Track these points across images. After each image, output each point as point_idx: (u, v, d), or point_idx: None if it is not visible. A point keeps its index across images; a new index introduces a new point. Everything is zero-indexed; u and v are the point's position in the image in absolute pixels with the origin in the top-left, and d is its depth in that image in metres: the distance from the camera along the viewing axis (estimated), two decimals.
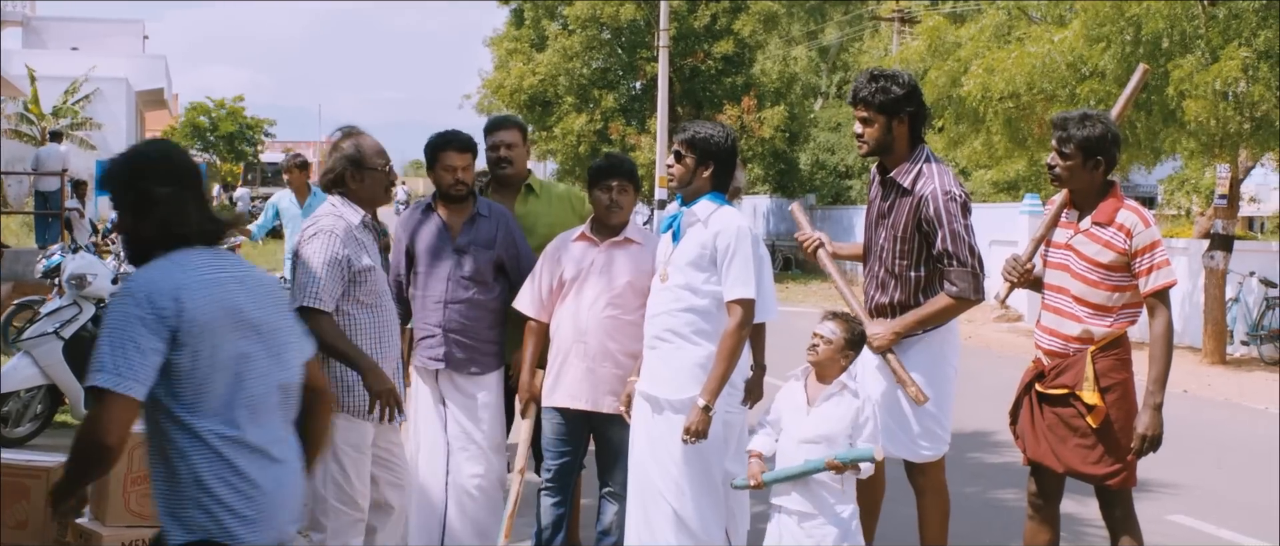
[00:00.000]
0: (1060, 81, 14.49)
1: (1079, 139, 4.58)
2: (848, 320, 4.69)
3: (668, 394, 4.90)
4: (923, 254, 4.81)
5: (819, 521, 4.56)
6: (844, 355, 4.62)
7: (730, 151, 4.93)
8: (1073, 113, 4.70)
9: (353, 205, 4.68)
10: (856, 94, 4.86)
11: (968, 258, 4.71)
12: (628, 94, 32.64)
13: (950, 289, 4.73)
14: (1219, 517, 7.23)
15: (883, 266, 4.93)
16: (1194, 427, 10.43)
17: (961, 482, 7.89)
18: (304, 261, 4.52)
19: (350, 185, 4.69)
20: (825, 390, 4.62)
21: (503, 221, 5.50)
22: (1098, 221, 4.61)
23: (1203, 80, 12.40)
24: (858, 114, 4.87)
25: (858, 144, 4.94)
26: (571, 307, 5.27)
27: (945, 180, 4.78)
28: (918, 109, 4.85)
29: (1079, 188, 4.68)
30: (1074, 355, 4.64)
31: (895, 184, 4.87)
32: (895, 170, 4.86)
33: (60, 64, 31.90)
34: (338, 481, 4.62)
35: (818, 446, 4.54)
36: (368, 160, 4.70)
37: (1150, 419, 4.54)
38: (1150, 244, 4.54)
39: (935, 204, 4.72)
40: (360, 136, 4.76)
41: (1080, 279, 4.64)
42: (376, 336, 4.67)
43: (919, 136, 4.89)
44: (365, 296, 4.63)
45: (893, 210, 4.87)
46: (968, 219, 4.77)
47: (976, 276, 4.73)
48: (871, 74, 4.87)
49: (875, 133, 4.82)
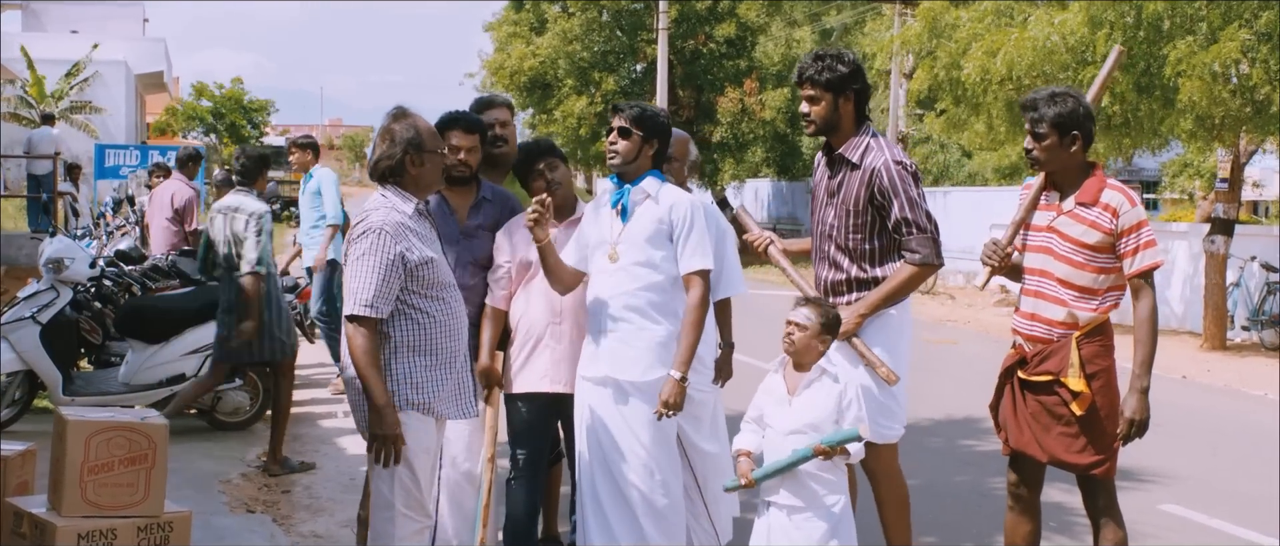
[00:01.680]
0: (1060, 65, 14.32)
1: (1052, 117, 4.48)
2: (821, 305, 4.56)
3: (634, 376, 4.79)
4: (875, 226, 4.83)
5: (808, 514, 4.43)
6: (821, 340, 4.47)
7: (668, 130, 4.98)
8: (1041, 92, 4.58)
9: (405, 194, 4.38)
10: (802, 73, 4.90)
11: (925, 223, 4.75)
12: (628, 77, 32.46)
13: (912, 257, 4.75)
14: (1212, 507, 7.09)
15: (833, 244, 4.94)
16: (1191, 414, 10.31)
17: (952, 470, 7.81)
18: (352, 263, 4.25)
19: (409, 172, 4.38)
20: (805, 378, 4.49)
21: (507, 205, 5.38)
22: (1082, 202, 4.50)
23: (1200, 61, 12.24)
24: (804, 93, 4.90)
25: (804, 123, 4.97)
26: (537, 291, 5.15)
27: (894, 151, 4.83)
28: (862, 87, 4.88)
29: (1058, 168, 4.56)
30: (1058, 341, 4.53)
31: (844, 160, 4.89)
32: (842, 147, 4.90)
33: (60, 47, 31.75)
34: (407, 487, 4.36)
35: (804, 436, 4.41)
36: (427, 143, 4.41)
37: (1137, 403, 4.43)
38: (1136, 223, 4.43)
39: (888, 174, 4.75)
40: (415, 117, 4.45)
41: (1064, 261, 4.53)
42: (446, 329, 4.41)
43: (864, 114, 4.94)
44: (428, 289, 4.35)
45: (842, 186, 4.89)
46: (919, 187, 4.80)
47: (936, 242, 4.78)
48: (817, 54, 4.92)
49: (822, 111, 4.87)
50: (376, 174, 4.45)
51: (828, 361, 4.51)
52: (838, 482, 4.47)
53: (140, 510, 4.53)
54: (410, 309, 4.33)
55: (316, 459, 7.75)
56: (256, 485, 7.17)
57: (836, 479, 4.47)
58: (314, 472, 7.44)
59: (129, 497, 4.52)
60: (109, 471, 4.49)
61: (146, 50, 36.44)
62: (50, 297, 7.87)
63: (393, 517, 4.37)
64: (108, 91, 31.78)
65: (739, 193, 35.88)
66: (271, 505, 6.77)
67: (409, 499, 4.38)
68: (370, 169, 4.49)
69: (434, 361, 4.38)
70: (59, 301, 7.89)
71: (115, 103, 32.13)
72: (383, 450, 4.23)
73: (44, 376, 7.81)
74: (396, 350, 4.32)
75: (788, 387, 4.54)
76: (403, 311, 4.32)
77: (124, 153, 24.11)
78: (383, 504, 4.39)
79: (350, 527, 6.19)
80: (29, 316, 7.76)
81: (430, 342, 4.37)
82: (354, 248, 4.29)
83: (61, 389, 7.82)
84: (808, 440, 4.38)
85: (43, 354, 7.75)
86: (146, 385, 8.05)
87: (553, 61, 30.98)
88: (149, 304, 8.61)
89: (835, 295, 4.91)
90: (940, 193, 26.27)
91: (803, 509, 4.44)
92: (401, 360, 4.33)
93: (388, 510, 4.37)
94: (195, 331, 8.14)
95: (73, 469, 4.44)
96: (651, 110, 4.91)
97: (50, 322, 7.82)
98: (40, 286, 7.98)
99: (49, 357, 7.76)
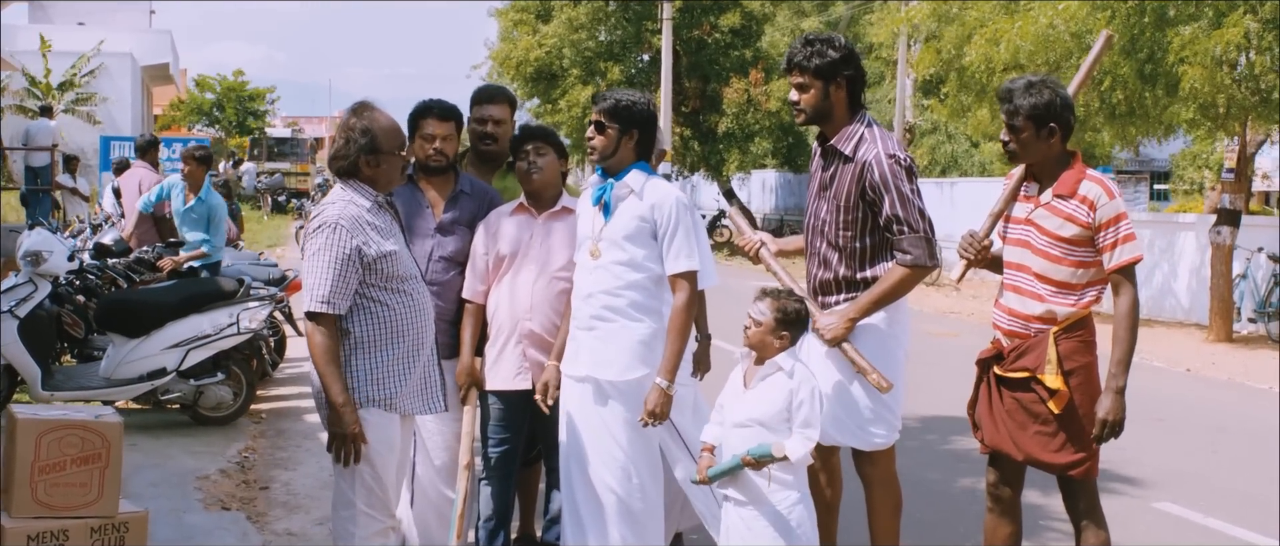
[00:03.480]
0: (1064, 52, 14.16)
1: (1027, 108, 4.32)
2: (779, 298, 4.39)
3: (613, 376, 4.66)
4: (867, 223, 4.57)
5: (753, 511, 4.31)
6: (776, 335, 4.31)
7: (653, 118, 4.75)
8: (1017, 81, 4.42)
9: (364, 188, 4.28)
10: (790, 59, 4.62)
11: (918, 222, 4.47)
12: (634, 66, 32.31)
13: (903, 257, 4.48)
14: (1209, 505, 6.92)
15: (824, 240, 4.69)
16: (1192, 409, 10.14)
17: (943, 468, 7.66)
18: (309, 259, 4.16)
19: (364, 172, 4.28)
20: (760, 371, 4.34)
21: (486, 199, 5.21)
22: (1059, 194, 4.35)
23: (1203, 47, 12.05)
24: (793, 80, 4.63)
25: (794, 113, 4.69)
26: (510, 285, 5.01)
27: (888, 144, 4.54)
28: (855, 73, 4.60)
29: (1036, 159, 4.42)
30: (1035, 336, 4.37)
31: (836, 152, 4.62)
32: (835, 137, 4.62)
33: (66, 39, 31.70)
34: (370, 485, 4.24)
35: (750, 430, 4.28)
36: (383, 144, 4.27)
37: (1112, 403, 4.26)
38: (1115, 216, 4.28)
39: (880, 168, 4.48)
40: (374, 114, 4.32)
41: (1042, 255, 4.38)
42: (409, 321, 4.30)
43: (859, 102, 4.66)
44: (388, 282, 4.24)
45: (834, 180, 4.63)
46: (914, 182, 4.52)
47: (929, 241, 4.50)
48: (806, 38, 4.65)
49: (812, 99, 4.58)
50: (336, 172, 4.35)
51: (789, 356, 4.34)
52: (792, 479, 4.31)
53: (93, 510, 4.44)
54: (371, 302, 4.23)
55: (299, 455, 7.65)
56: (235, 482, 7.06)
57: (790, 476, 4.31)
58: (295, 469, 7.34)
59: (81, 498, 4.42)
60: (61, 471, 4.39)
61: (153, 42, 36.41)
62: (28, 291, 7.76)
63: (354, 516, 4.26)
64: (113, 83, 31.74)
65: (745, 184, 35.72)
66: (248, 502, 6.66)
67: (371, 498, 4.27)
68: (328, 164, 4.38)
69: (396, 355, 4.27)
70: (37, 295, 7.78)
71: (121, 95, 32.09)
72: (342, 448, 4.12)
73: (22, 371, 7.70)
74: (357, 345, 4.21)
75: (744, 379, 4.42)
76: (363, 305, 4.22)
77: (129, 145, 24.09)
78: (344, 503, 4.28)
79: (326, 525, 6.08)
80: (6, 310, 7.65)
81: (393, 336, 4.27)
82: (310, 243, 4.18)
83: (40, 383, 7.71)
84: (754, 434, 4.26)
85: (20, 348, 7.63)
86: (127, 379, 7.93)
87: (558, 51, 30.82)
88: (129, 297, 8.50)
89: (824, 294, 4.70)
90: (948, 184, 26.08)
91: (752, 506, 4.31)
92: (363, 355, 4.22)
93: (349, 509, 4.27)
94: (176, 325, 8.02)
95: (23, 468, 4.34)
96: (629, 100, 4.70)
97: (28, 316, 7.70)
98: (18, 279, 7.87)
99: (27, 352, 7.64)
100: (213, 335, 8.07)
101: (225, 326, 8.10)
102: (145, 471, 6.99)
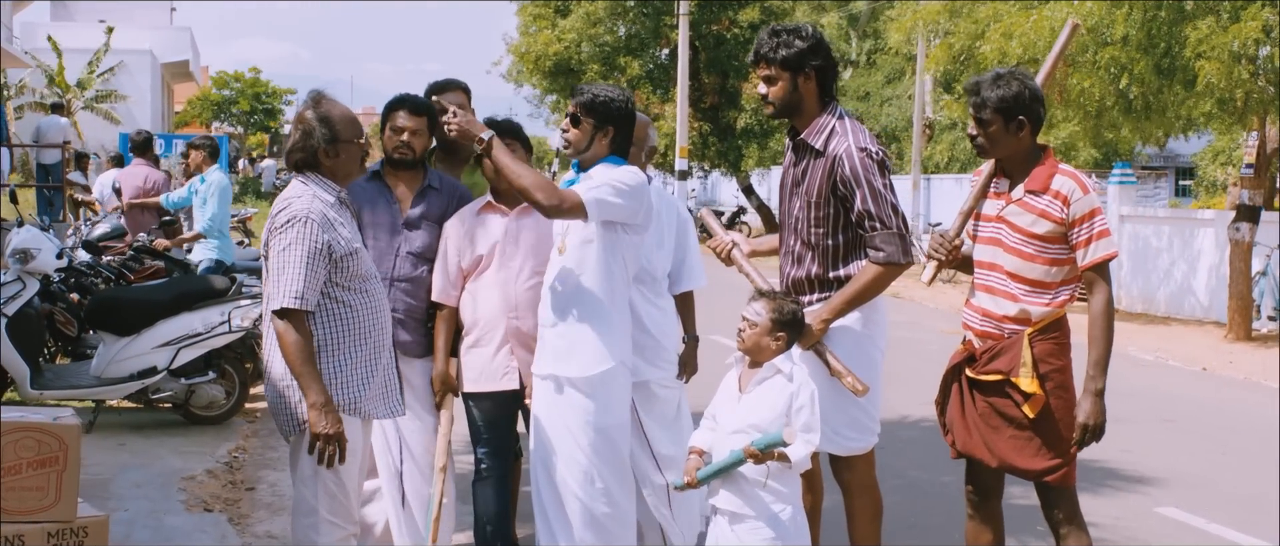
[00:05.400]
0: (1080, 47, 13.92)
1: (995, 100, 4.17)
2: (776, 299, 4.25)
3: (572, 372, 4.53)
4: (839, 220, 4.43)
5: (752, 523, 4.14)
6: (774, 337, 4.16)
7: (630, 117, 4.59)
8: (985, 75, 4.29)
9: (326, 182, 4.19)
10: (758, 51, 4.50)
11: (891, 218, 4.33)
12: (653, 61, 32.17)
13: (876, 255, 4.34)
14: (1214, 510, 6.72)
15: (798, 237, 4.55)
16: (1204, 409, 9.93)
17: (941, 469, 7.47)
18: (278, 255, 4.03)
19: (324, 163, 4.17)
20: (757, 375, 4.19)
21: (455, 195, 5.13)
22: (1031, 189, 4.21)
23: (1219, 42, 11.83)
24: (760, 72, 4.50)
25: (763, 106, 4.57)
26: (492, 285, 4.90)
27: (860, 137, 4.40)
28: (825, 63, 4.45)
29: (1006, 154, 4.27)
30: (1009, 337, 4.23)
31: (807, 146, 4.48)
32: (805, 131, 4.49)
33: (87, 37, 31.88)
34: (332, 492, 4.14)
35: (747, 436, 4.10)
36: (342, 134, 4.18)
37: (1091, 406, 4.12)
38: (1089, 212, 4.14)
39: (851, 162, 4.33)
40: (330, 105, 4.23)
41: (1014, 253, 4.24)
42: (371, 322, 4.21)
43: (830, 94, 4.52)
44: (351, 281, 4.15)
45: (806, 175, 4.49)
46: (887, 177, 4.38)
47: (903, 237, 4.35)
48: (773, 29, 4.53)
49: (780, 91, 4.45)
50: (291, 164, 4.24)
51: (786, 359, 4.19)
52: (788, 492, 4.16)
53: (50, 515, 4.31)
54: (335, 302, 4.13)
55: (287, 457, 7.53)
56: (221, 482, 6.97)
57: (786, 488, 4.15)
58: (284, 470, 7.24)
59: (38, 502, 4.30)
60: (16, 474, 4.27)
61: (172, 39, 36.66)
62: (15, 289, 7.69)
63: (316, 524, 4.16)
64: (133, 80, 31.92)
65: (764, 179, 35.51)
66: (231, 503, 6.57)
67: (334, 504, 4.16)
68: (285, 157, 4.28)
69: (360, 357, 4.18)
70: (25, 293, 7.70)
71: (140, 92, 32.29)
72: (326, 449, 4.00)
73: (10, 369, 7.62)
74: (322, 347, 4.11)
75: (739, 384, 4.26)
76: (326, 306, 4.12)
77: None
78: (305, 509, 4.18)
79: None
80: None
81: (358, 337, 4.17)
82: (278, 238, 4.06)
83: (29, 382, 7.64)
84: (751, 441, 4.07)
85: (9, 346, 7.55)
86: (118, 378, 7.85)
87: (577, 45, 30.71)
88: (120, 295, 8.43)
89: (799, 294, 4.55)
90: (967, 180, 25.82)
91: (747, 517, 4.14)
92: (328, 357, 4.12)
93: (311, 516, 4.17)
94: (167, 323, 7.93)
95: None
96: (607, 97, 4.55)
97: (16, 315, 7.63)
98: (6, 277, 7.79)
99: (14, 350, 7.57)
100: (204, 333, 7.98)
101: (216, 324, 8.00)
102: (131, 471, 6.91)
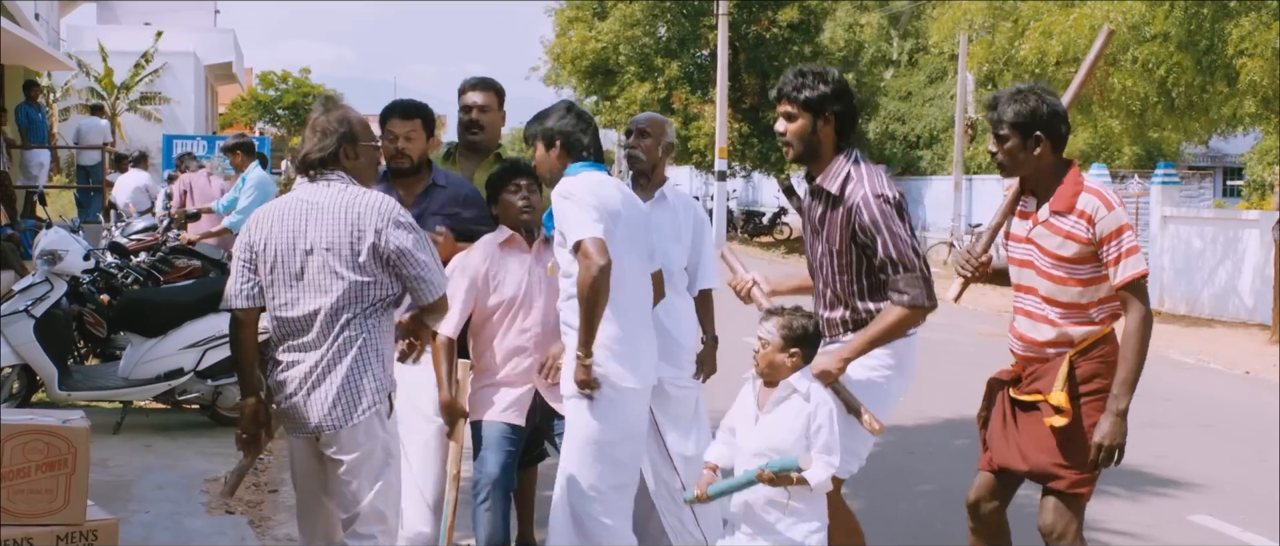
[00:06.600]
0: (1120, 45, 13.75)
1: (1011, 117, 4.11)
2: (785, 314, 4.14)
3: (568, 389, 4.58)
4: (862, 266, 4.36)
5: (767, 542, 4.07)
6: (788, 355, 4.06)
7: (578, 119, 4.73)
8: (1004, 91, 4.23)
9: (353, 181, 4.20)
10: (781, 90, 4.43)
11: (913, 261, 4.23)
12: (692, 62, 32.09)
13: (900, 299, 4.22)
14: (1248, 518, 6.56)
15: (823, 281, 4.48)
16: (1245, 414, 9.74)
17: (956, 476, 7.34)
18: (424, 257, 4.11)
19: (344, 164, 4.17)
20: (774, 395, 4.09)
21: (460, 191, 5.18)
22: (1056, 210, 4.13)
23: (1263, 38, 11.61)
24: (781, 109, 4.43)
25: (781, 145, 4.51)
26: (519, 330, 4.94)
27: (876, 183, 4.31)
28: (846, 110, 4.38)
29: (1027, 172, 4.20)
30: (1052, 358, 4.17)
31: (824, 193, 4.40)
32: (821, 176, 4.40)
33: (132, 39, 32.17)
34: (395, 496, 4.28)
35: (765, 460, 4.01)
36: (360, 135, 4.21)
37: (1110, 427, 4.00)
38: (1116, 230, 4.03)
39: (869, 210, 4.25)
40: (345, 108, 4.27)
41: (1046, 277, 4.16)
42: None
43: (847, 140, 4.44)
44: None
45: (825, 223, 4.42)
46: (906, 221, 4.31)
47: (927, 280, 4.24)
48: (799, 70, 4.43)
49: (798, 130, 4.36)
50: (306, 165, 4.20)
51: (803, 376, 4.09)
52: (810, 511, 4.06)
53: (59, 518, 4.31)
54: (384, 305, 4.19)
55: None
56: (244, 484, 6.96)
57: (809, 508, 4.06)
58: None
59: (47, 504, 4.30)
60: (25, 477, 4.26)
61: (216, 41, 36.89)
62: (44, 290, 7.74)
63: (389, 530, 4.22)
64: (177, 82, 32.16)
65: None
66: (254, 506, 6.57)
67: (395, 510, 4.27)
68: (297, 161, 4.25)
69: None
70: (53, 294, 7.76)
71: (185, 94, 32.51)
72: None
73: (39, 370, 7.68)
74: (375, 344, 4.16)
75: (757, 403, 4.16)
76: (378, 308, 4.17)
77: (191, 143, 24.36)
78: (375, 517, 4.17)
79: None
80: (23, 309, 7.63)
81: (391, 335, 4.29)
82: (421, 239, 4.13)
83: (57, 383, 7.68)
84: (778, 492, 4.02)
85: (37, 348, 7.60)
86: (145, 379, 7.88)
87: (614, 46, 30.69)
88: (147, 297, 8.48)
89: (832, 335, 4.44)
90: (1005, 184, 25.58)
91: (770, 538, 4.06)
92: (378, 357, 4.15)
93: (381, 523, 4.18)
94: (194, 325, 7.96)
95: None
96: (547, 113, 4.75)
97: (44, 316, 7.68)
98: (35, 278, 7.85)
99: (43, 352, 7.62)
100: None
101: None
102: (155, 473, 6.92)
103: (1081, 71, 4.61)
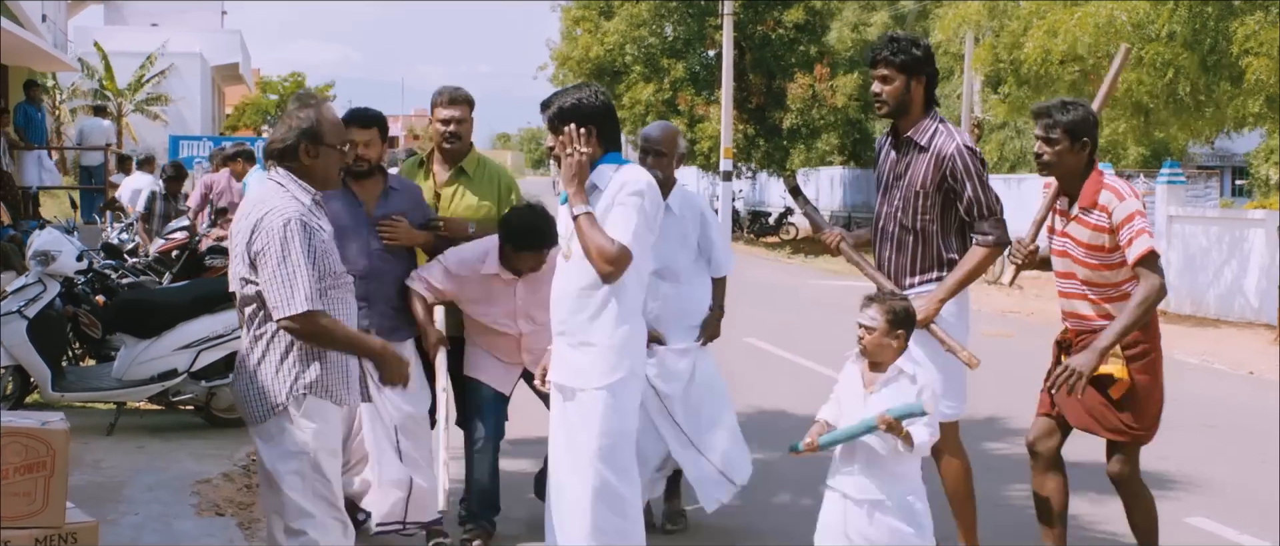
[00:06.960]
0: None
1: (1066, 123, 4.75)
2: (886, 299, 4.45)
3: (580, 383, 4.49)
4: (939, 208, 4.98)
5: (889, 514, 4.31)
6: (893, 336, 4.38)
7: (604, 109, 4.53)
8: (1052, 101, 4.89)
9: (302, 184, 4.13)
10: (877, 53, 5.01)
11: (996, 206, 4.93)
12: (699, 63, 32.04)
13: (985, 238, 4.90)
14: (1246, 521, 6.49)
15: (898, 225, 5.06)
16: (1246, 414, 9.67)
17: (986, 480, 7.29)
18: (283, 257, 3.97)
19: (303, 160, 4.12)
20: (882, 377, 4.41)
21: (413, 195, 5.72)
22: (1084, 206, 4.79)
23: (1268, 37, 11.54)
24: (877, 73, 5.02)
25: (876, 104, 5.10)
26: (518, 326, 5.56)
27: (963, 137, 5.00)
28: (933, 72, 5.04)
29: (1066, 172, 4.82)
30: (1100, 330, 4.73)
31: (912, 142, 5.01)
32: (910, 130, 5.01)
33: (138, 41, 32.23)
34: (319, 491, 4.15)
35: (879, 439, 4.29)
36: (326, 135, 4.14)
37: (1086, 359, 4.63)
38: (1128, 215, 4.67)
39: (962, 159, 4.90)
40: (320, 107, 4.20)
41: (1083, 265, 4.83)
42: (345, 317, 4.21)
43: (933, 99, 5.07)
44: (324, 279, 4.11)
45: (909, 168, 5.01)
46: (986, 171, 5.01)
47: (1004, 223, 4.95)
48: (892, 36, 5.07)
49: (894, 91, 4.97)
50: (271, 156, 4.20)
51: (908, 359, 4.43)
52: (911, 477, 4.37)
53: (38, 521, 4.28)
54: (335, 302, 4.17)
55: None
56: (236, 486, 6.94)
57: (909, 472, 4.36)
58: None
59: (25, 507, 4.27)
60: (3, 479, 4.24)
61: (222, 42, 36.94)
62: (37, 291, 7.72)
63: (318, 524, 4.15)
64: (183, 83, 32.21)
65: (809, 180, 35.30)
66: (244, 508, 6.54)
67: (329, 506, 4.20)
68: (265, 149, 4.26)
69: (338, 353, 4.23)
70: (46, 295, 7.73)
71: (191, 95, 32.58)
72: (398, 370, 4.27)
73: (32, 371, 7.65)
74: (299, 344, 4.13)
75: (864, 382, 4.44)
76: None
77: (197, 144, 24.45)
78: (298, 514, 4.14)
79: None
80: (15, 310, 7.61)
81: None
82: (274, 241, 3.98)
83: (51, 384, 7.66)
84: (879, 443, 4.27)
85: (30, 349, 7.58)
86: (139, 380, 7.85)
87: (620, 47, 30.65)
88: (140, 298, 8.45)
89: (901, 277, 5.05)
90: (1015, 180, 25.50)
91: (883, 503, 4.33)
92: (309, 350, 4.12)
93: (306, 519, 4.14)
94: (187, 325, 7.93)
95: None
96: (572, 100, 4.48)
97: (37, 317, 7.66)
98: (28, 279, 7.83)
99: (36, 352, 7.59)
100: (225, 335, 7.96)
101: (237, 327, 7.97)
102: (145, 475, 6.89)
103: (1103, 89, 5.24)
